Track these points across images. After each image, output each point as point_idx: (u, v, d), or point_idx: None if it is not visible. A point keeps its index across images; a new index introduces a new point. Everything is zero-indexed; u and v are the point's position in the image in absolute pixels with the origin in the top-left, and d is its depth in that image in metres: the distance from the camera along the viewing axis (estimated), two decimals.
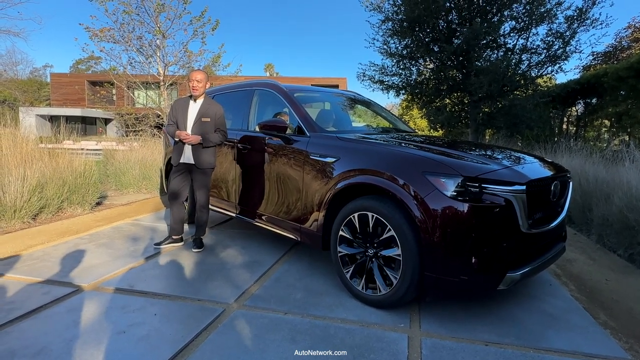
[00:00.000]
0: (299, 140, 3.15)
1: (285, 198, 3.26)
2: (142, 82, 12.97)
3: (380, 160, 2.57)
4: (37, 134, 10.14)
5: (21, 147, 5.20)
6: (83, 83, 29.89)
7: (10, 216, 4.29)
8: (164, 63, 11.92)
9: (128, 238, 4.06)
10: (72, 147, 7.45)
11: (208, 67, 13.18)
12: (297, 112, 3.34)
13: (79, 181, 5.22)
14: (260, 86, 3.89)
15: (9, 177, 4.40)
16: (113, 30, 11.27)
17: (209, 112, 3.56)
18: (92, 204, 5.36)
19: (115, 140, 15.20)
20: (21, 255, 3.46)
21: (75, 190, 5.13)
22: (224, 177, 4.07)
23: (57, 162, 5.28)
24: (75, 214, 5.03)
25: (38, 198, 4.56)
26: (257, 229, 4.35)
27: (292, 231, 3.21)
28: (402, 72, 11.99)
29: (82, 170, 5.34)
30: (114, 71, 12.20)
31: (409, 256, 2.34)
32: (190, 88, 3.54)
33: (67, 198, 5.01)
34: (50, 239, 3.94)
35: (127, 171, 7.19)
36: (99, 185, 5.95)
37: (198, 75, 3.54)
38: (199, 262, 3.39)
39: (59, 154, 5.56)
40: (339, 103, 4.21)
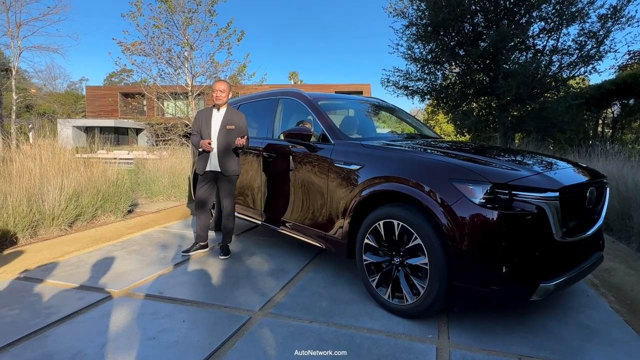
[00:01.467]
0: (324, 148, 3.16)
1: (309, 205, 3.26)
2: (171, 93, 13.38)
3: (405, 167, 2.54)
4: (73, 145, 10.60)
5: (59, 158, 5.44)
6: (116, 95, 31.12)
7: (49, 224, 4.49)
8: (191, 74, 12.28)
9: (157, 245, 4.17)
10: (105, 156, 7.76)
11: (234, 77, 13.50)
12: (321, 120, 3.36)
13: (112, 190, 5.41)
14: (285, 95, 3.94)
15: (48, 186, 4.61)
16: (144, 43, 11.73)
17: (233, 120, 3.63)
18: (124, 212, 5.54)
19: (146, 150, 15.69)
20: (58, 261, 3.61)
21: (109, 198, 5.33)
22: (249, 184, 4.12)
23: (91, 172, 5.50)
24: (109, 222, 5.21)
25: (74, 206, 4.76)
26: (282, 237, 4.37)
27: (317, 239, 3.21)
28: (427, 76, 11.86)
29: (115, 179, 5.54)
30: (144, 83, 12.65)
31: (436, 265, 2.29)
32: (214, 98, 3.62)
33: (101, 206, 5.21)
34: (85, 245, 4.10)
35: (156, 180, 7.41)
36: (131, 194, 6.15)
37: (221, 85, 3.63)
38: (226, 269, 3.43)
39: (94, 164, 5.79)
40: (363, 110, 4.20)
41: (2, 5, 15.79)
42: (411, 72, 12.00)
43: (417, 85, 12.03)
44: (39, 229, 4.43)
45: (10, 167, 4.96)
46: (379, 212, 2.61)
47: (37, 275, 3.24)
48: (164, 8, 11.50)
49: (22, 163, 5.01)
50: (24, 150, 5.96)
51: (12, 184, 4.48)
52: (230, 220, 3.79)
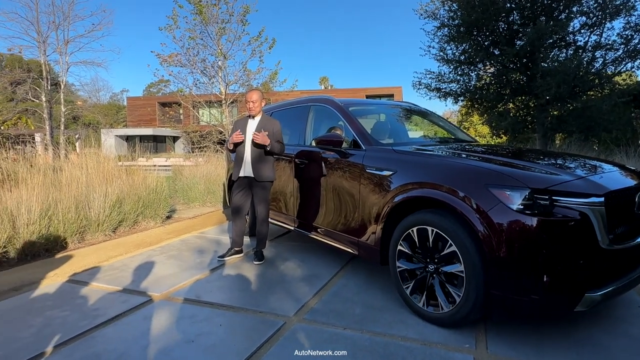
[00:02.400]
0: (355, 154, 3.16)
1: (342, 211, 3.27)
2: (206, 101, 13.81)
3: (439, 172, 2.50)
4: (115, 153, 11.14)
5: (103, 166, 5.75)
6: (154, 105, 32.46)
7: (95, 229, 4.74)
8: (225, 82, 12.62)
9: (194, 250, 4.30)
10: (145, 164, 8.10)
11: (266, 84, 13.73)
12: (352, 126, 3.36)
13: (152, 196, 5.64)
14: (316, 102, 3.98)
15: (93, 194, 4.88)
16: (180, 55, 12.20)
17: (267, 127, 3.70)
18: (162, 218, 5.76)
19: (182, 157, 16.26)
20: (103, 265, 3.80)
21: (149, 205, 5.56)
22: (282, 191, 4.18)
23: (133, 179, 5.77)
24: (149, 227, 5.43)
25: (117, 213, 5.00)
26: (315, 242, 4.40)
27: (350, 245, 3.20)
28: (460, 78, 11.61)
29: (154, 187, 5.78)
30: (180, 92, 13.14)
31: (472, 273, 2.23)
32: (247, 109, 3.71)
33: (141, 212, 5.44)
34: (127, 250, 4.30)
35: (193, 186, 7.65)
36: (169, 200, 6.39)
37: (253, 96, 3.70)
38: (260, 274, 3.49)
39: (135, 171, 6.07)
40: (394, 114, 4.17)
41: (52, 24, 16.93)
42: (444, 73, 11.79)
43: (450, 86, 11.79)
44: (86, 234, 4.69)
45: (60, 176, 5.28)
46: (412, 218, 2.58)
47: (84, 279, 3.43)
48: (199, 20, 11.91)
49: (70, 172, 5.32)
50: (72, 160, 6.34)
51: (62, 192, 4.77)
52: (265, 226, 3.86)
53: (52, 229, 4.30)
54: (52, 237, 4.25)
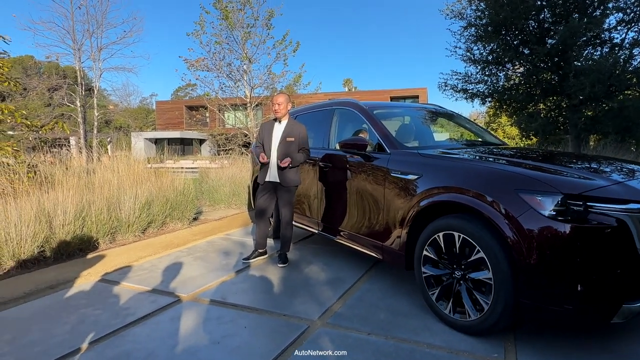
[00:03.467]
0: (380, 158, 3.15)
1: (366, 215, 3.26)
2: (231, 105, 14.07)
3: (466, 176, 2.45)
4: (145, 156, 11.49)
5: (133, 169, 5.93)
6: (182, 108, 33.29)
7: (125, 230, 4.90)
8: (250, 86, 12.81)
9: (220, 252, 4.37)
10: (173, 166, 8.31)
11: (290, 87, 13.85)
12: (376, 129, 3.35)
13: (179, 198, 5.78)
14: (340, 105, 3.98)
15: (124, 196, 5.05)
16: (206, 59, 12.47)
17: (293, 132, 3.72)
18: (189, 219, 5.89)
19: (209, 159, 16.60)
20: (133, 265, 3.93)
21: (176, 207, 5.70)
22: (306, 194, 4.20)
23: (161, 182, 5.92)
24: (176, 229, 5.57)
25: (146, 214, 5.15)
26: (339, 246, 4.39)
27: (374, 249, 3.19)
28: (488, 78, 11.35)
29: (182, 189, 5.92)
30: (207, 96, 13.41)
31: (501, 280, 2.18)
32: (273, 112, 3.74)
33: (169, 214, 5.58)
34: (156, 251, 4.42)
35: (219, 188, 7.79)
36: (196, 202, 6.52)
37: (279, 99, 3.74)
38: (284, 277, 3.52)
39: (163, 174, 6.24)
40: (419, 117, 4.12)
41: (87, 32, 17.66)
42: (471, 74, 11.55)
43: (478, 87, 11.54)
44: (117, 235, 4.85)
45: (93, 178, 5.50)
46: (438, 223, 2.54)
47: (115, 278, 3.55)
48: (225, 25, 12.15)
49: (102, 174, 5.53)
50: (104, 162, 6.58)
51: (94, 194, 4.96)
52: (289, 229, 3.88)
53: (85, 230, 4.47)
54: (85, 237, 4.42)
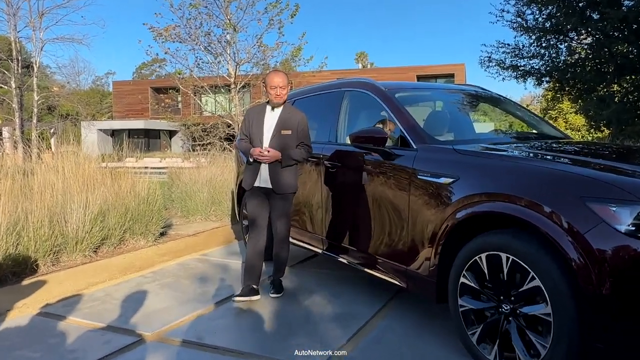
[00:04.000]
0: (403, 155, 3.14)
1: (385, 230, 3.25)
2: (211, 86, 14.10)
3: (516, 180, 2.45)
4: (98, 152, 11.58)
5: (83, 169, 5.97)
6: (146, 91, 33.48)
7: (72, 249, 4.92)
8: (235, 62, 12.86)
9: (195, 277, 4.38)
10: (134, 165, 8.36)
11: (287, 63, 13.90)
12: (399, 117, 3.35)
13: (142, 208, 5.81)
14: (351, 87, 3.98)
15: (71, 204, 5.07)
16: (179, 27, 12.50)
17: (291, 122, 3.68)
18: (155, 235, 5.91)
19: (181, 156, 16.68)
20: (82, 294, 3.93)
21: (138, 218, 5.72)
22: (307, 202, 4.20)
23: (119, 186, 5.95)
24: (138, 246, 5.58)
25: (100, 228, 5.18)
26: (349, 269, 4.36)
27: (395, 274, 3.18)
28: (545, 51, 11.34)
29: (146, 195, 5.94)
30: (179, 75, 13.48)
31: (563, 317, 2.15)
32: (272, 96, 3.63)
33: (129, 228, 5.60)
34: (112, 276, 4.43)
35: (193, 194, 7.81)
36: (164, 212, 6.55)
37: (280, 80, 3.62)
38: (278, 311, 3.51)
39: (121, 175, 6.27)
40: (455, 102, 4.12)
41: None
42: (522, 46, 11.56)
43: (532, 63, 11.55)
44: (62, 254, 4.87)
45: (31, 181, 5.53)
46: (480, 241, 2.53)
47: (59, 311, 3.55)
48: None
49: (43, 176, 5.56)
50: (46, 160, 6.62)
51: (33, 201, 4.98)
52: (285, 248, 3.86)
53: (21, 248, 4.49)
54: (20, 257, 4.44)
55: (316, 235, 4.08)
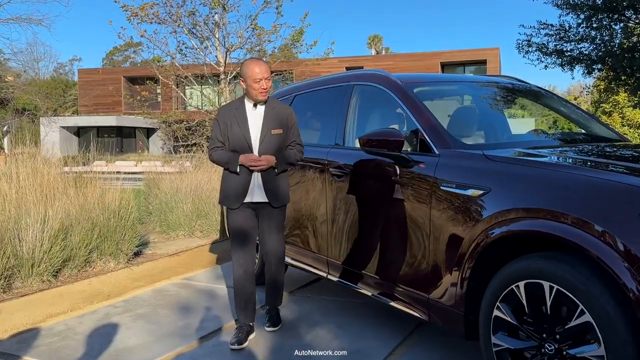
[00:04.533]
0: (423, 162, 3.14)
1: (401, 251, 3.24)
2: (196, 76, 14.17)
3: (560, 192, 2.42)
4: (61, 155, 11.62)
5: (42, 175, 5.99)
6: (119, 81, 33.70)
7: (27, 272, 4.93)
8: (224, 47, 12.93)
9: (176, 307, 4.37)
10: (104, 170, 8.37)
11: (286, 49, 13.95)
12: (418, 116, 3.34)
13: (113, 223, 5.81)
14: (362, 80, 3.98)
15: (26, 218, 5.08)
16: (157, 5, 12.57)
17: (280, 119, 3.65)
18: (128, 255, 5.92)
19: (160, 159, 16.69)
20: (39, 328, 3.93)
21: (108, 235, 5.72)
22: (309, 216, 4.20)
23: (85, 196, 5.97)
24: (107, 269, 5.59)
25: (61, 247, 5.18)
26: (359, 297, 4.35)
27: (414, 304, 3.16)
28: (597, 33, 11.30)
29: (117, 208, 5.94)
30: (158, 63, 13.55)
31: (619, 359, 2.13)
32: (256, 92, 3.53)
33: (96, 247, 5.61)
34: (74, 305, 4.43)
35: (175, 206, 7.82)
36: (139, 228, 6.55)
37: (264, 70, 3.54)
38: (275, 348, 3.49)
39: (88, 183, 6.28)
40: (486, 97, 4.11)
41: None
42: (569, 27, 11.53)
43: (580, 47, 11.52)
44: (14, 279, 4.88)
45: None
46: (518, 266, 2.51)
47: (11, 349, 3.54)
48: None
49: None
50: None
51: None
52: (282, 269, 3.86)
53: None
54: None
55: (319, 256, 4.08)
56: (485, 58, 29.95)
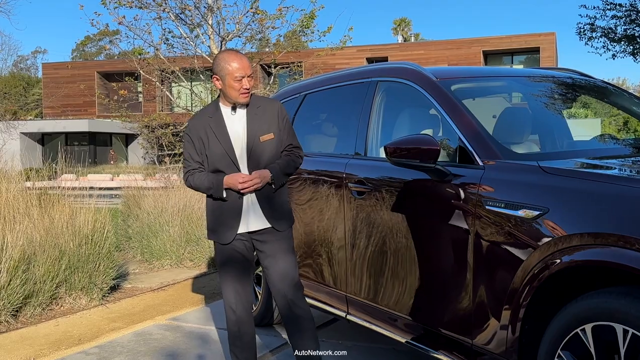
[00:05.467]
0: (463, 175, 3.14)
1: (437, 285, 3.25)
2: (185, 71, 14.24)
3: (636, 214, 2.40)
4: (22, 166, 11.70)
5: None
6: (92, 77, 34.06)
7: None
8: (219, 36, 12.99)
9: (161, 354, 4.36)
10: (74, 185, 8.40)
11: (294, 37, 14.00)
12: (457, 119, 3.34)
13: (85, 250, 5.83)
14: (387, 75, 3.99)
15: None
16: None
17: (267, 119, 3.52)
18: (103, 290, 5.92)
19: (142, 172, 16.76)
20: None
21: (79, 266, 5.73)
22: (323, 242, 4.21)
23: (51, 217, 6.00)
24: (78, 307, 5.60)
25: (22, 281, 5.20)
26: (386, 341, 4.33)
27: (455, 350, 3.14)
28: None
29: (90, 232, 5.96)
30: (139, 55, 13.61)
31: None
32: (236, 93, 3.42)
33: (65, 280, 5.62)
34: (38, 352, 4.43)
35: (160, 229, 7.84)
36: (116, 256, 6.56)
37: (244, 64, 3.43)
38: None
39: (55, 201, 6.31)
40: (541, 94, 4.10)
41: None
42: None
43: None
44: None
45: None
46: (584, 305, 2.49)
47: None
48: None
49: None
50: None
51: None
52: (300, 296, 3.64)
53: None
54: None
55: (337, 292, 4.07)
56: (538, 45, 29.91)
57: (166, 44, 13.23)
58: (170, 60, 13.62)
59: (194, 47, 13.16)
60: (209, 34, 13.03)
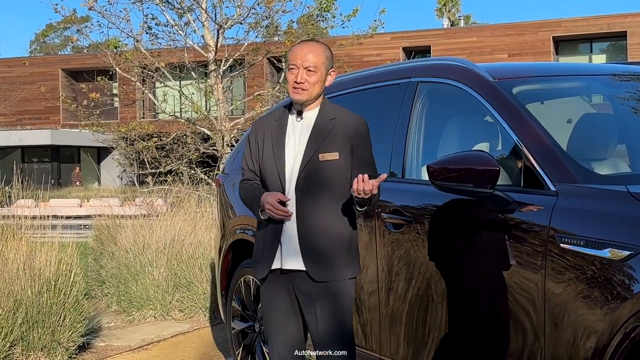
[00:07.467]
0: (530, 203, 3.14)
1: (497, 347, 3.26)
2: (173, 68, 14.34)
3: None
4: None
5: None
6: (56, 76, 34.43)
7: None
8: (215, 23, 13.06)
9: None
10: (31, 214, 8.47)
11: (310, 22, 14.04)
12: (521, 130, 3.35)
13: (46, 299, 5.86)
14: (429, 74, 4.03)
15: None
16: None
17: (336, 134, 3.43)
18: (70, 350, 5.94)
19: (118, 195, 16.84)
20: None
21: (39, 319, 5.76)
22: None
23: (3, 258, 6.04)
24: None
25: None
26: None
27: None
28: None
29: (53, 276, 5.99)
30: (115, 48, 13.72)
31: None
32: (289, 86, 3.44)
33: (21, 337, 5.65)
34: None
35: (141, 270, 7.86)
36: (85, 306, 6.58)
37: (308, 51, 3.41)
38: None
39: (9, 235, 6.36)
40: (629, 97, 4.08)
41: None
42: None
43: None
44: None
45: None
46: None
47: None
48: None
49: None
50: None
51: None
52: None
53: None
54: None
55: (366, 353, 4.07)
56: (624, 30, 29.83)
57: (149, 33, 13.38)
58: (154, 54, 13.73)
59: (183, 37, 13.26)
60: (202, 20, 13.12)
